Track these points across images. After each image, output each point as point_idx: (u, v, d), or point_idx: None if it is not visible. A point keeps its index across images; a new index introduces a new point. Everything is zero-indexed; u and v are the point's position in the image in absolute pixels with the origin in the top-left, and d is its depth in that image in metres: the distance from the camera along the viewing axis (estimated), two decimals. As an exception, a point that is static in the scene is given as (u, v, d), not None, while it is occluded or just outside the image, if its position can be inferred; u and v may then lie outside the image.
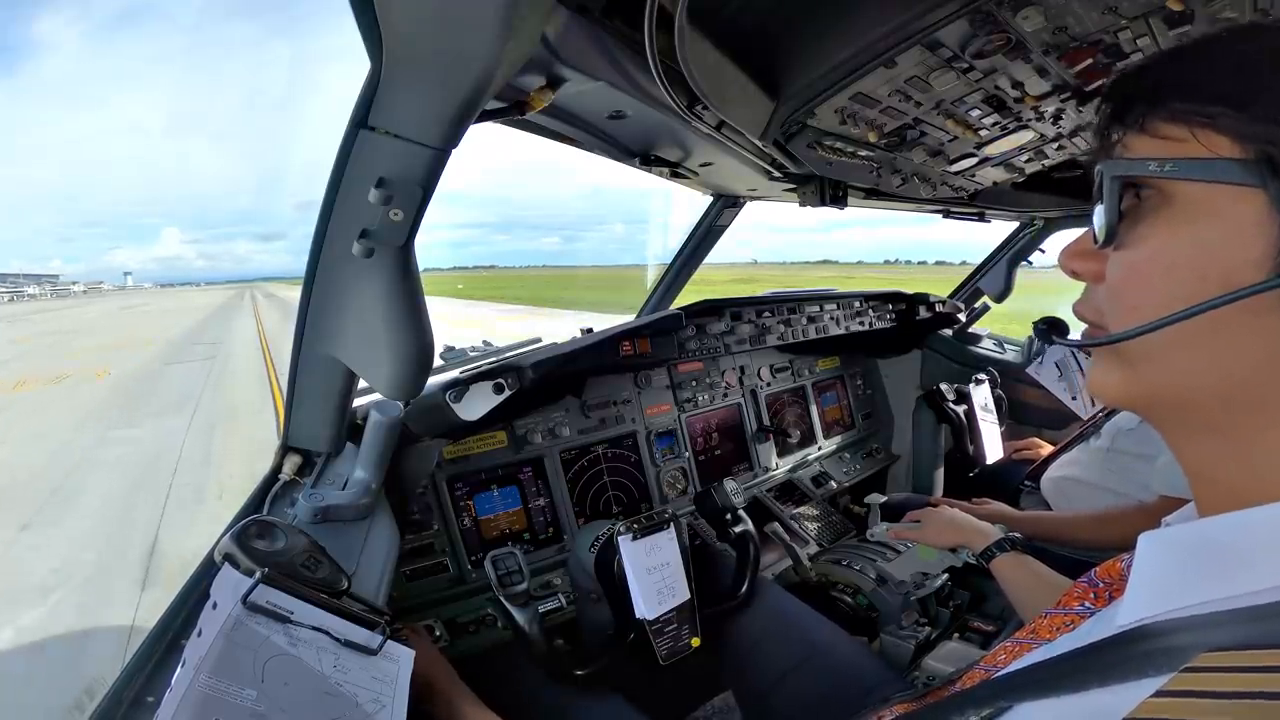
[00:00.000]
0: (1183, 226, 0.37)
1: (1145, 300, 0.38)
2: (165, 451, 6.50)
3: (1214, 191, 0.36)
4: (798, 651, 1.07)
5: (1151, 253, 0.39)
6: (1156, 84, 0.39)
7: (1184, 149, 0.37)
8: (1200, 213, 0.36)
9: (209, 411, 8.52)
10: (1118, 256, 0.41)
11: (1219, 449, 0.39)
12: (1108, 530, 1.32)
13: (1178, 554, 0.38)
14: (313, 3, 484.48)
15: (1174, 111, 0.37)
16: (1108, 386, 0.43)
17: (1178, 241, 0.37)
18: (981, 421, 1.83)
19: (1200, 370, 0.38)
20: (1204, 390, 0.38)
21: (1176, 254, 0.37)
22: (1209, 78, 0.37)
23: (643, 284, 2.14)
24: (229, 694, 0.56)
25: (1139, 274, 0.39)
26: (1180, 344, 0.37)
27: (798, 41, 0.84)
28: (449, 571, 1.32)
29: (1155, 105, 0.38)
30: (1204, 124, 0.36)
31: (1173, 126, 0.37)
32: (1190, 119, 0.37)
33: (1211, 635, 0.31)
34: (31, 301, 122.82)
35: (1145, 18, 0.74)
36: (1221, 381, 0.37)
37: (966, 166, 1.34)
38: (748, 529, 1.29)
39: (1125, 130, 0.40)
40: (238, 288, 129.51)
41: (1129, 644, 0.35)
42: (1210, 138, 0.36)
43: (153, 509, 4.89)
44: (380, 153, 0.70)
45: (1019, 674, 0.42)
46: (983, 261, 2.45)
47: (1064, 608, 0.54)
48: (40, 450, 6.86)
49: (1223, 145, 0.35)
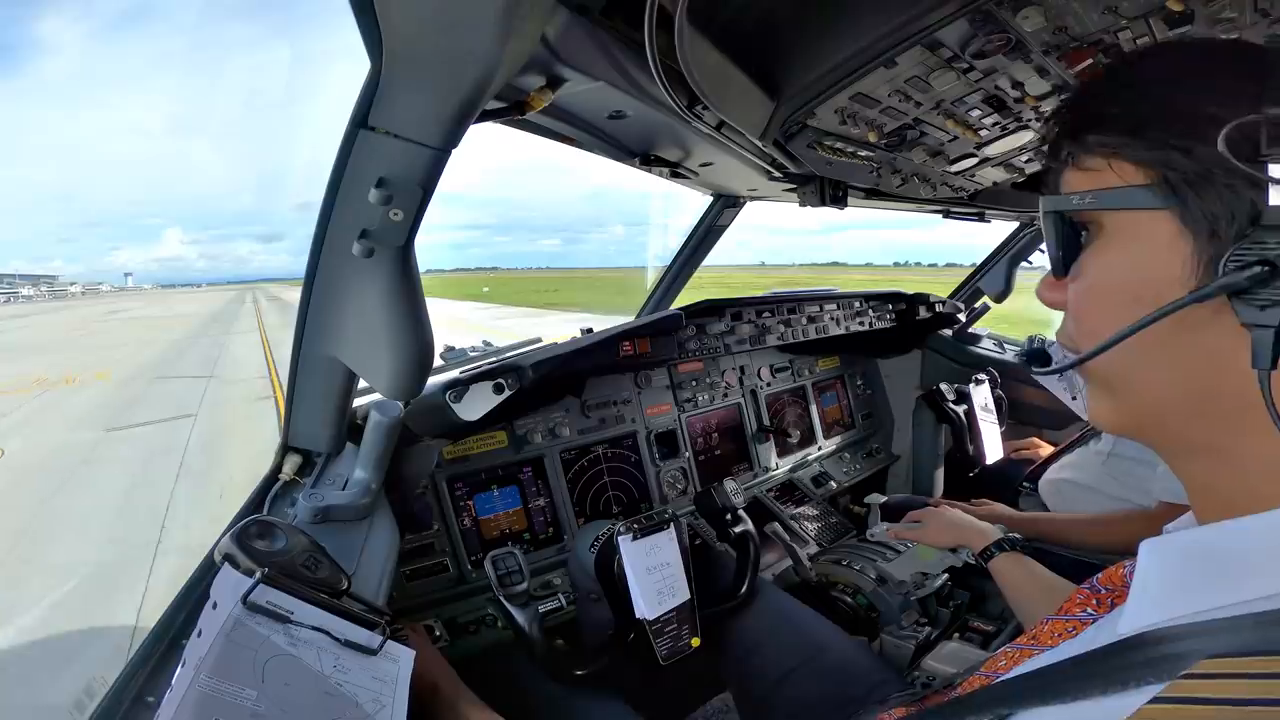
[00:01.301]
0: (1115, 253, 0.39)
1: (1098, 325, 0.40)
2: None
3: (1134, 217, 0.38)
4: (798, 651, 1.07)
5: (1093, 280, 0.41)
6: (1076, 119, 0.41)
7: (1101, 179, 0.39)
8: (1127, 238, 0.39)
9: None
10: (1073, 286, 0.43)
11: (1211, 464, 0.39)
12: (1108, 533, 1.32)
13: (1179, 562, 0.38)
14: (313, 3, 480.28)
15: (1090, 145, 0.40)
16: (1101, 415, 0.45)
17: (1113, 267, 0.40)
18: (981, 421, 1.83)
19: (1162, 387, 0.39)
20: (1173, 408, 0.39)
21: (1113, 279, 0.40)
22: (1112, 108, 0.39)
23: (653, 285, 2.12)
24: (229, 694, 0.56)
25: (1088, 300, 0.42)
26: (1140, 365, 0.39)
27: (798, 42, 0.83)
28: (449, 571, 1.32)
29: (1076, 140, 0.41)
30: (1113, 153, 0.38)
31: (1093, 159, 0.40)
32: (1103, 150, 0.39)
33: (1212, 642, 0.31)
34: (26, 304, 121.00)
35: (1145, 18, 0.74)
36: (1185, 397, 0.38)
37: (966, 166, 1.34)
38: (748, 529, 1.29)
39: (1062, 166, 0.43)
40: (238, 289, 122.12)
41: (1130, 651, 0.35)
42: (1121, 166, 0.38)
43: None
44: (380, 153, 0.70)
45: (1019, 680, 0.42)
46: (983, 261, 2.45)
47: (1066, 614, 0.54)
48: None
49: (1130, 172, 0.38)
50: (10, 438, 8.10)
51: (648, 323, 1.38)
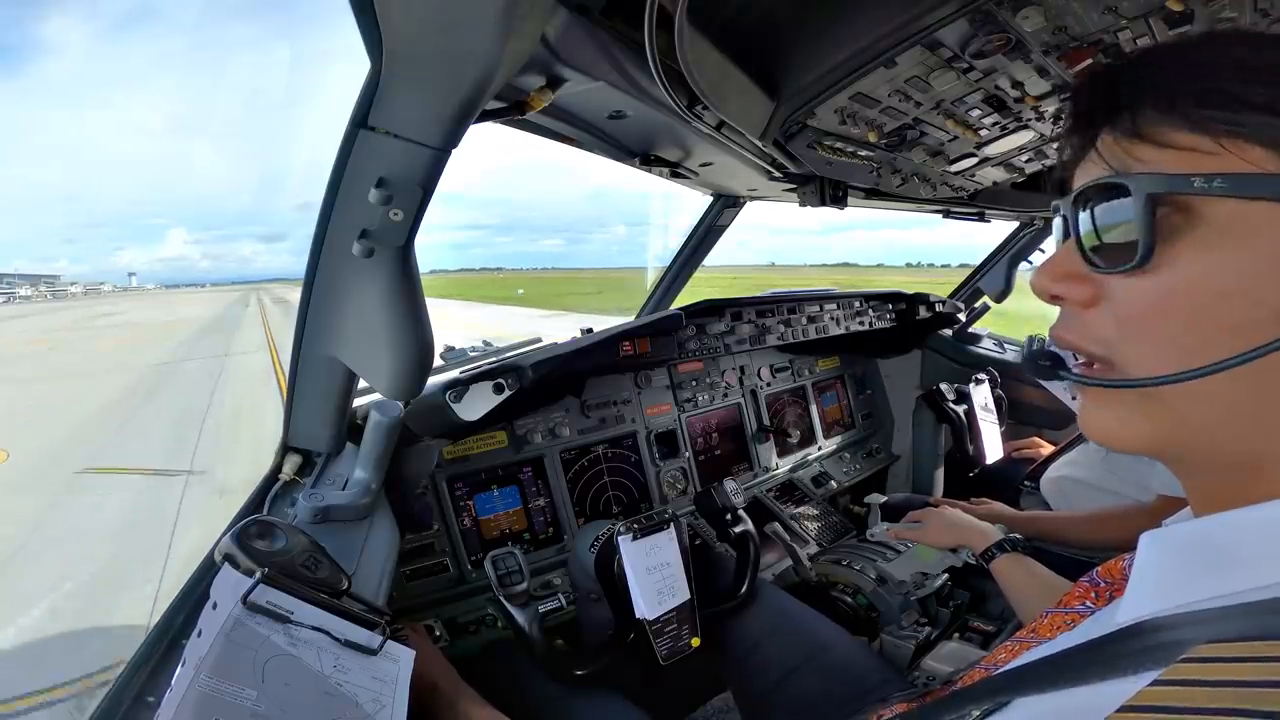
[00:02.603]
0: (1223, 250, 0.33)
1: (1189, 336, 0.34)
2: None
3: (1250, 209, 0.32)
4: (798, 651, 1.07)
5: (1191, 280, 0.34)
6: (1164, 87, 0.35)
7: (1223, 163, 0.33)
8: (1242, 233, 0.32)
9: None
10: (1132, 283, 0.36)
11: (1227, 479, 0.37)
12: (1107, 530, 1.32)
13: (1177, 552, 0.38)
14: (313, 3, 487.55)
15: (1194, 120, 0.34)
16: (1124, 433, 0.38)
17: (1222, 267, 0.33)
18: (981, 421, 1.83)
19: (1237, 417, 0.34)
20: (1231, 432, 0.35)
21: (1223, 283, 0.33)
22: (1236, 84, 0.33)
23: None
24: (229, 694, 0.56)
25: (1178, 305, 0.34)
26: (1213, 384, 0.33)
27: (798, 42, 0.84)
28: (449, 571, 1.32)
29: (1170, 110, 0.34)
30: (1234, 134, 0.32)
31: (1193, 136, 0.34)
32: (1215, 128, 0.33)
33: (1209, 629, 0.31)
34: (23, 304, 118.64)
35: (1145, 18, 0.74)
36: (1256, 428, 0.34)
37: (966, 166, 1.34)
38: (748, 529, 1.29)
39: (1117, 136, 0.37)
40: (242, 290, 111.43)
41: (1128, 639, 0.35)
42: (1243, 149, 0.32)
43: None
44: (380, 153, 0.70)
45: (1018, 670, 0.42)
46: (983, 261, 2.45)
47: (1065, 607, 0.54)
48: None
49: (1259, 158, 0.32)
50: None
51: (648, 323, 1.38)
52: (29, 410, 10.56)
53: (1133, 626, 0.36)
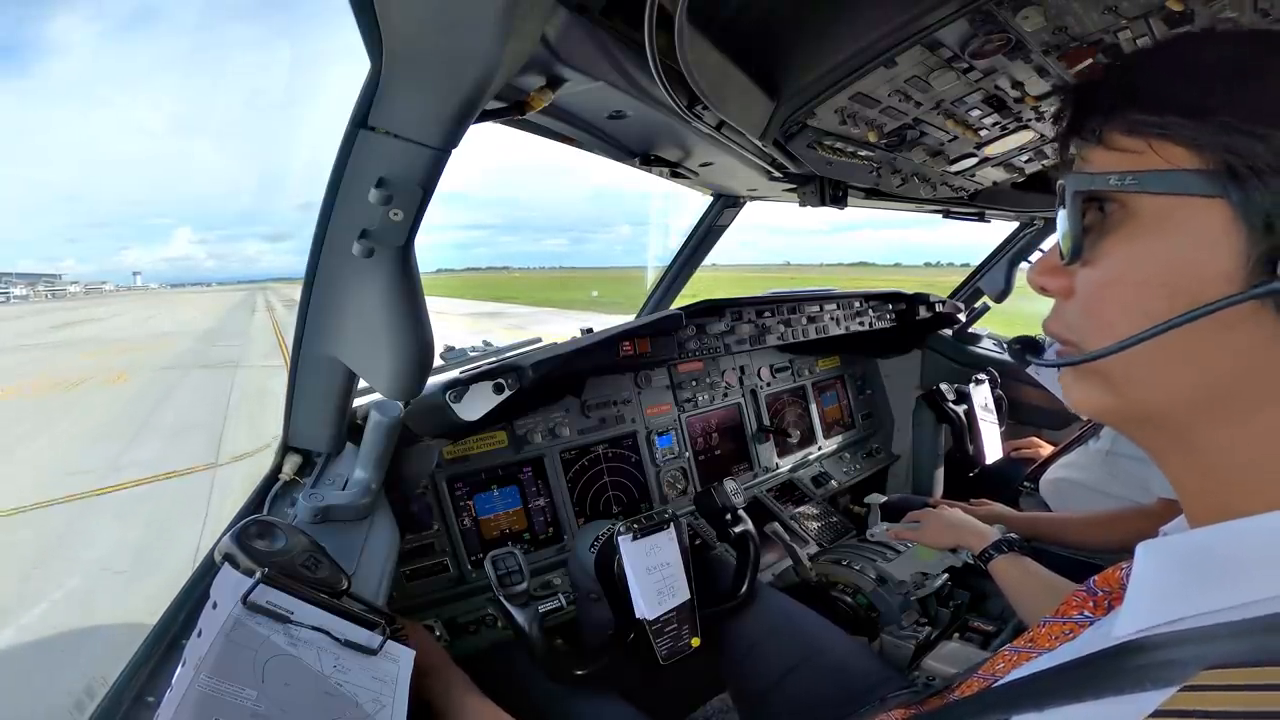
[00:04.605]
0: (1149, 241, 0.37)
1: (1118, 317, 0.38)
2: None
3: (1176, 204, 0.35)
4: (797, 651, 1.07)
5: (1120, 269, 0.38)
6: (1111, 95, 0.39)
7: (1142, 161, 0.36)
8: (1165, 226, 0.36)
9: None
10: (1086, 273, 0.40)
11: (1194, 463, 0.39)
12: (1106, 532, 1.32)
13: (1175, 564, 0.38)
14: (313, 3, 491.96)
15: (1130, 123, 0.37)
16: (1090, 405, 0.43)
17: (1146, 256, 0.37)
18: (981, 421, 1.83)
19: (1175, 385, 0.37)
20: (1181, 406, 0.38)
21: (1145, 269, 0.37)
22: (1163, 87, 0.37)
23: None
24: (229, 694, 0.56)
25: (1109, 290, 0.39)
26: (1156, 360, 0.37)
27: (798, 42, 0.84)
28: (449, 571, 1.32)
29: (1110, 117, 0.38)
30: (1159, 135, 0.36)
31: (1129, 139, 0.37)
32: (1145, 130, 0.36)
33: (1209, 650, 0.31)
34: (18, 305, 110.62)
35: (1145, 18, 0.74)
36: (1197, 396, 0.37)
37: (966, 166, 1.34)
38: (748, 529, 1.29)
39: (1084, 143, 0.40)
40: (248, 289, 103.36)
41: (1127, 656, 0.35)
42: (1166, 149, 0.36)
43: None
44: (380, 153, 0.70)
45: (1017, 684, 0.42)
46: (983, 261, 2.45)
47: (1063, 616, 0.54)
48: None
49: (1179, 156, 0.35)
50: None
51: (648, 323, 1.38)
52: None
53: (1132, 642, 0.36)
